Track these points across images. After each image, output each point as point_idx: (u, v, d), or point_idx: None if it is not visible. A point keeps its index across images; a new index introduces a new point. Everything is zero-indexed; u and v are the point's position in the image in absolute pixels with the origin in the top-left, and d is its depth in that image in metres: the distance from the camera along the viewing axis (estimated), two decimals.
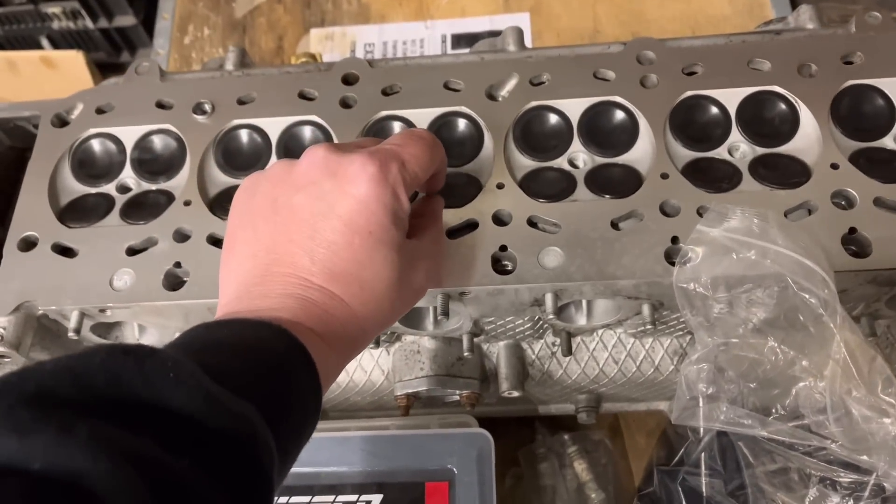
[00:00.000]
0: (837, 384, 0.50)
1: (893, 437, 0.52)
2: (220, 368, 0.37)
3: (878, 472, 0.53)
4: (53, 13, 1.56)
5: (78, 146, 0.68)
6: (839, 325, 0.49)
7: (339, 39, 1.05)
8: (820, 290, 0.50)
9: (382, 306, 0.47)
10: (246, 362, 0.39)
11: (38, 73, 1.56)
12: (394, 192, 0.46)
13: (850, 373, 0.50)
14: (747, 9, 1.02)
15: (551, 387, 0.71)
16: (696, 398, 0.62)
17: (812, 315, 0.50)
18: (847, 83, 0.64)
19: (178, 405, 0.33)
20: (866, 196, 0.59)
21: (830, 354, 0.50)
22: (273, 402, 0.39)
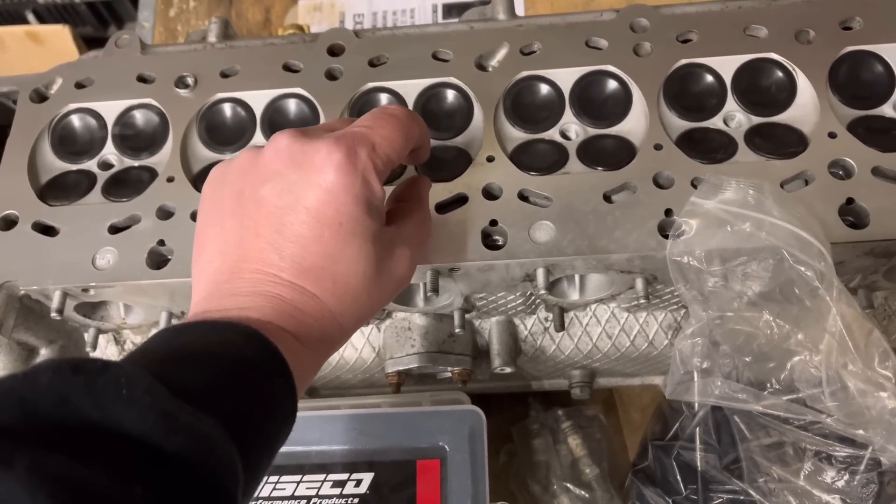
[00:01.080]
0: (833, 358, 0.49)
1: (890, 411, 0.51)
2: (183, 380, 0.35)
3: (874, 446, 0.52)
4: None
5: (58, 122, 0.67)
6: (835, 298, 0.48)
7: (328, 10, 1.03)
8: (816, 262, 0.48)
9: (359, 300, 0.45)
10: (211, 371, 0.37)
11: (24, 48, 1.54)
12: (364, 179, 0.44)
13: (847, 346, 0.49)
14: None
15: (544, 362, 0.70)
16: (691, 373, 0.61)
17: (808, 288, 0.49)
18: (845, 49, 0.62)
19: (131, 427, 0.31)
20: (864, 165, 0.57)
21: (826, 328, 0.49)
22: (241, 413, 0.37)
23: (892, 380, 0.48)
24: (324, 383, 0.73)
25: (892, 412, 0.51)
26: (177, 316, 0.64)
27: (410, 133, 0.49)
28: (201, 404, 0.34)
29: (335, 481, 0.61)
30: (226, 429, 0.34)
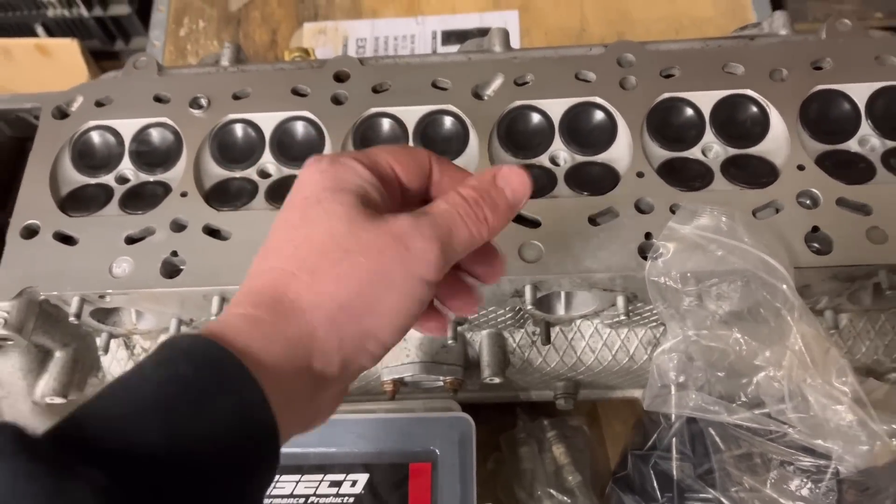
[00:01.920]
0: (794, 374, 0.54)
1: (846, 423, 0.55)
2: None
3: (833, 455, 0.56)
4: (49, 1, 1.57)
5: (78, 138, 0.71)
6: (797, 319, 0.53)
7: (332, 34, 1.07)
8: (780, 285, 0.53)
9: (345, 285, 0.38)
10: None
11: (33, 61, 1.58)
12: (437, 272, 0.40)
13: (806, 363, 0.53)
14: (730, 10, 1.05)
15: (531, 374, 0.74)
16: (668, 386, 0.66)
17: (772, 309, 0.53)
18: (816, 88, 0.67)
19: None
20: (830, 196, 0.62)
21: (788, 346, 0.53)
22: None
23: (848, 394, 0.53)
24: None
25: (849, 424, 0.55)
26: (186, 323, 0.68)
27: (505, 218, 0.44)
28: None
29: (332, 481, 0.65)
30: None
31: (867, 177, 0.63)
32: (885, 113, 0.66)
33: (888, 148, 0.65)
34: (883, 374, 0.72)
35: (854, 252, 0.60)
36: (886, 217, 0.60)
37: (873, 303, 0.65)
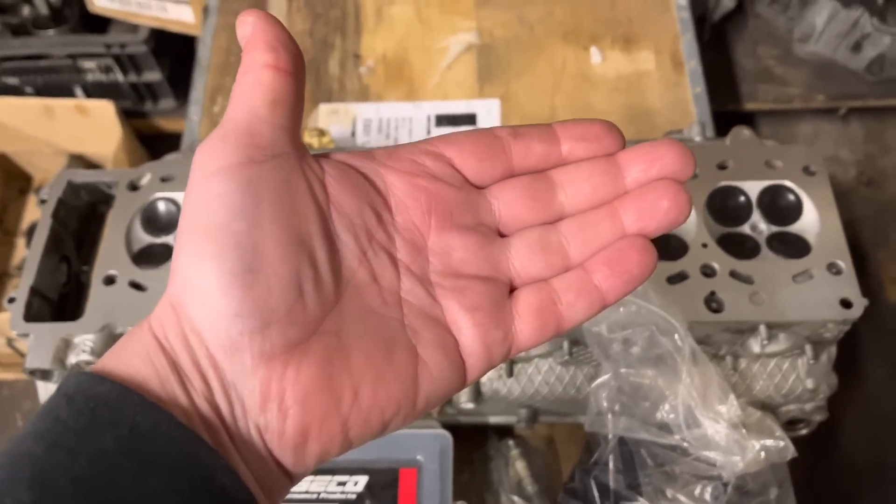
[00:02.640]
0: (687, 402, 0.73)
1: (726, 439, 0.74)
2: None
3: (717, 464, 0.75)
4: (89, 67, 1.79)
5: (147, 206, 0.90)
6: (687, 361, 0.72)
7: (343, 114, 1.28)
8: (674, 335, 0.72)
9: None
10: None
11: (72, 119, 1.78)
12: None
13: (696, 394, 0.72)
14: (674, 104, 1.26)
15: (498, 402, 0.93)
16: (602, 412, 0.84)
17: (668, 353, 0.73)
18: (720, 183, 0.87)
19: None
20: (725, 269, 0.81)
21: (682, 381, 0.72)
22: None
23: (723, 414, 0.72)
24: None
25: (727, 440, 0.74)
26: None
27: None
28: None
29: (339, 481, 0.83)
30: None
31: (754, 254, 0.83)
32: (770, 205, 0.86)
33: (772, 232, 0.85)
34: (776, 409, 0.91)
35: (741, 311, 0.79)
36: (765, 285, 0.80)
37: (761, 351, 0.85)
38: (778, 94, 2.01)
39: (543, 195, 0.37)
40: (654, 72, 1.30)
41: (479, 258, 0.36)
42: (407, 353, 0.35)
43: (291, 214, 0.33)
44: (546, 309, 0.36)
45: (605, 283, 0.35)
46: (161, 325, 0.33)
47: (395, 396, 0.34)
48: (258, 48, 0.34)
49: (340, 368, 0.33)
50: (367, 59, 1.34)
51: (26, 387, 1.83)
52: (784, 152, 0.88)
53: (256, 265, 0.31)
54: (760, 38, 2.11)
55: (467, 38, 1.35)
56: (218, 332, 0.32)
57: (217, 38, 1.37)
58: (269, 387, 0.32)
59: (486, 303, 0.36)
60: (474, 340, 0.35)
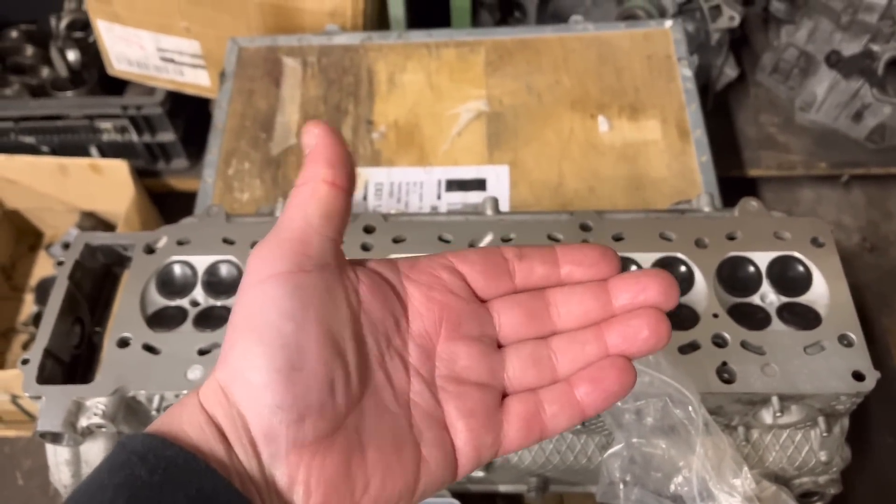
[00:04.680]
0: (701, 474, 0.72)
1: None
2: None
3: None
4: (105, 128, 1.82)
5: (162, 269, 0.91)
6: (700, 432, 0.72)
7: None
8: (687, 407, 0.72)
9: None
10: None
11: (86, 178, 1.81)
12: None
13: (710, 466, 0.72)
14: (680, 172, 1.28)
15: (509, 470, 0.92)
16: (615, 483, 0.84)
17: (682, 424, 0.73)
18: (729, 254, 0.88)
19: None
20: (736, 339, 0.82)
21: (696, 453, 0.72)
22: None
23: (738, 488, 0.71)
24: None
25: None
26: None
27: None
28: None
29: None
30: None
31: (764, 325, 0.83)
32: (779, 276, 0.87)
33: (782, 303, 0.86)
34: (789, 481, 0.90)
35: (752, 383, 0.79)
36: (776, 356, 0.80)
37: (773, 422, 0.84)
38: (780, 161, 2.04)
39: (539, 313, 0.42)
40: (661, 140, 1.33)
41: (479, 366, 0.41)
42: (413, 450, 0.39)
43: (332, 319, 0.37)
44: (532, 418, 0.40)
45: (586, 397, 0.40)
46: (210, 402, 0.37)
47: (398, 488, 0.38)
48: (319, 162, 0.39)
49: (358, 461, 0.37)
50: (380, 125, 1.37)
51: (27, 445, 1.81)
52: (792, 224, 0.89)
53: (300, 364, 0.35)
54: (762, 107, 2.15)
55: (477, 106, 1.38)
56: (260, 419, 0.36)
57: (233, 102, 1.40)
58: (298, 471, 0.36)
59: (481, 409, 0.40)
60: (467, 443, 0.40)
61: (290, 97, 1.41)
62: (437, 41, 1.46)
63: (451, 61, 1.45)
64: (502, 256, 0.42)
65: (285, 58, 1.46)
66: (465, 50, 1.46)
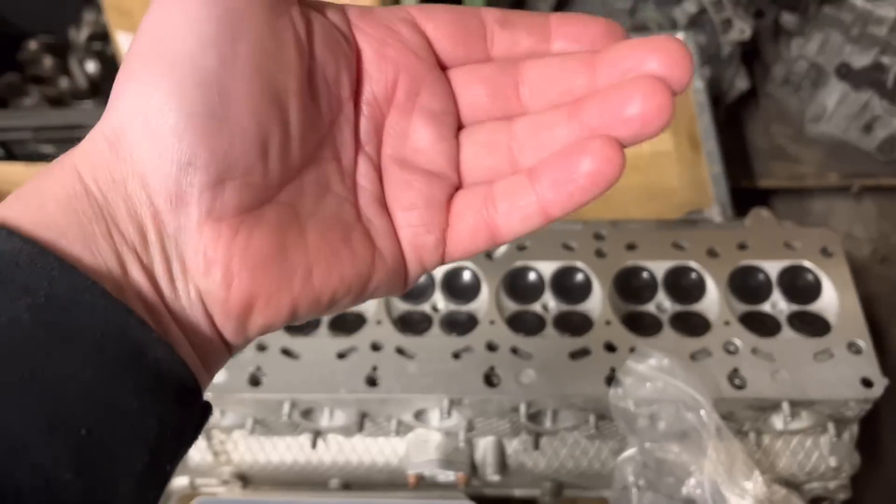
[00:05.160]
0: (713, 476, 0.74)
1: None
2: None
3: None
4: None
5: None
6: (712, 436, 0.73)
7: None
8: (700, 411, 0.74)
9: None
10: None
11: None
12: None
13: (722, 469, 0.74)
14: (692, 183, 1.30)
15: (523, 475, 0.94)
16: (628, 487, 0.85)
17: (693, 429, 0.74)
18: (740, 263, 0.90)
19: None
20: (747, 346, 0.84)
21: (707, 457, 0.74)
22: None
23: (748, 490, 0.73)
24: (356, 481, 0.96)
25: None
26: (258, 421, 0.88)
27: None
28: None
29: None
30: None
31: (775, 332, 0.85)
32: (790, 284, 0.89)
33: (792, 311, 0.88)
34: (800, 486, 0.91)
35: (763, 389, 0.81)
36: (787, 363, 0.82)
37: (784, 428, 0.86)
38: (791, 172, 2.05)
39: (506, 90, 0.33)
40: (672, 152, 1.35)
41: (432, 151, 0.33)
42: (364, 238, 0.32)
43: (270, 63, 0.28)
44: (480, 217, 0.33)
45: (548, 192, 0.31)
46: (90, 165, 0.28)
47: (349, 279, 0.31)
48: None
49: (295, 243, 0.30)
50: None
51: None
52: (802, 234, 0.91)
53: (222, 112, 0.27)
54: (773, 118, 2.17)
55: None
56: (165, 180, 0.27)
57: None
58: (216, 249, 0.28)
59: (423, 203, 0.33)
60: (407, 243, 0.33)
61: None
62: None
63: None
64: (480, 19, 0.33)
65: None
66: None
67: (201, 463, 0.95)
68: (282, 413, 0.84)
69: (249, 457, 0.94)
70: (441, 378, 0.83)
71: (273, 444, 0.94)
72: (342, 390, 0.83)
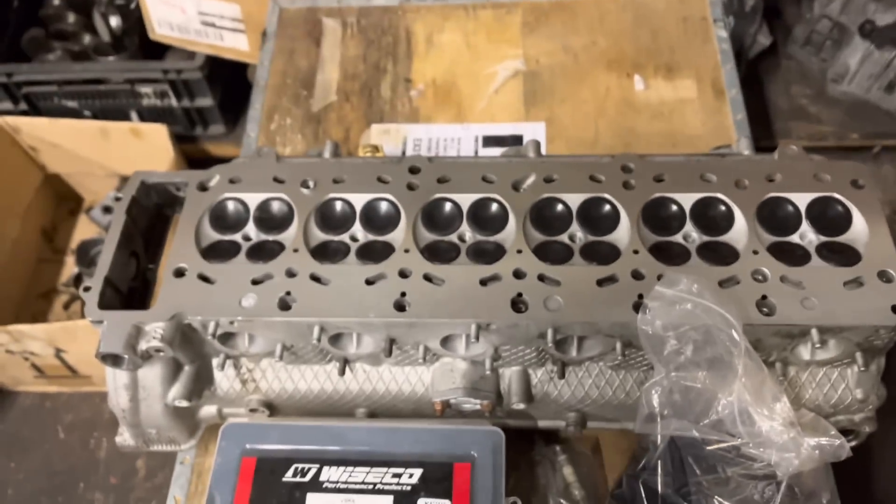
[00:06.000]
0: (742, 400, 0.74)
1: (781, 438, 0.75)
2: None
3: (771, 461, 0.76)
4: (145, 92, 1.86)
5: (216, 206, 0.94)
6: (742, 356, 0.74)
7: (394, 134, 1.33)
8: (730, 331, 0.74)
9: None
10: None
11: (126, 141, 1.85)
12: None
13: (751, 390, 0.74)
14: (715, 130, 1.30)
15: (548, 405, 0.95)
16: (654, 413, 0.86)
17: (725, 349, 0.74)
18: (769, 195, 0.90)
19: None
20: (776, 274, 0.84)
21: (737, 378, 0.74)
22: None
23: (780, 414, 0.73)
24: (382, 411, 0.97)
25: (783, 439, 0.75)
26: (287, 348, 0.89)
27: None
28: None
29: (394, 473, 0.84)
30: None
31: (804, 261, 0.85)
32: (819, 215, 0.88)
33: (821, 242, 0.87)
34: (825, 419, 0.91)
35: (792, 315, 0.81)
36: (816, 291, 0.82)
37: (811, 358, 0.86)
38: (811, 132, 2.04)
39: None
40: (696, 99, 1.34)
41: None
42: None
43: None
44: None
45: None
46: None
47: None
48: None
49: None
50: (418, 83, 1.39)
51: (68, 400, 1.86)
52: (832, 167, 0.91)
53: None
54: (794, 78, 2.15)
55: (514, 65, 1.40)
56: None
57: (274, 61, 1.43)
58: None
59: None
60: None
61: (330, 56, 1.44)
62: (474, 3, 1.48)
63: (488, 22, 1.47)
64: None
65: (325, 18, 1.49)
66: (501, 11, 1.47)
67: (229, 391, 0.96)
68: (311, 338, 0.84)
69: (277, 385, 0.95)
70: (469, 304, 0.84)
71: (301, 373, 0.94)
72: (371, 314, 0.83)
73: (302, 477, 0.85)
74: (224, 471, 0.86)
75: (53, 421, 1.84)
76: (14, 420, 1.86)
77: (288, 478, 0.85)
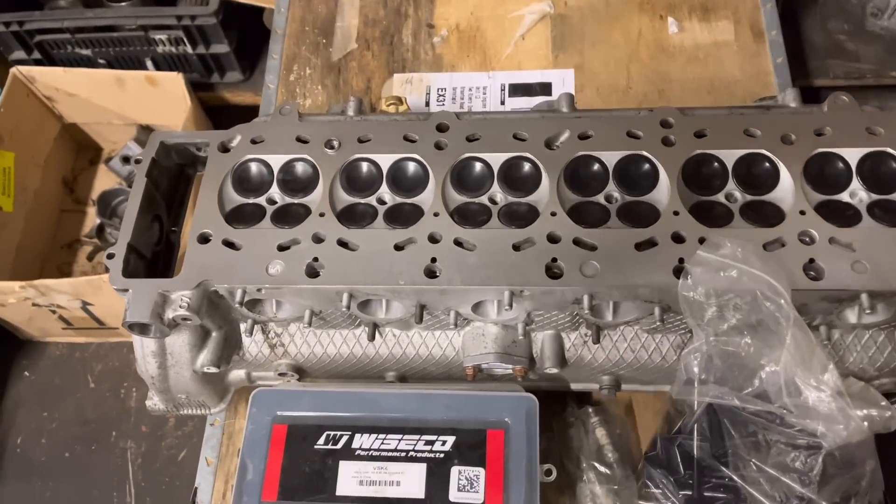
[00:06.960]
0: (789, 369, 0.72)
1: (829, 409, 0.73)
2: None
3: (817, 433, 0.74)
4: (160, 39, 1.81)
5: (238, 167, 0.91)
6: (791, 326, 0.71)
7: (417, 83, 1.28)
8: (779, 300, 0.71)
9: None
10: None
11: (142, 90, 1.81)
12: None
13: (798, 361, 0.71)
14: (754, 75, 1.23)
15: (581, 369, 0.93)
16: (692, 379, 0.83)
17: (772, 318, 0.71)
18: (817, 150, 0.85)
19: None
20: (824, 236, 0.80)
21: (785, 347, 0.71)
22: None
23: (828, 384, 0.70)
24: (412, 374, 0.96)
25: (830, 409, 0.73)
26: (316, 313, 0.87)
27: None
28: None
29: (427, 440, 0.84)
30: None
31: (854, 222, 0.81)
32: (871, 172, 0.84)
33: (873, 200, 0.83)
34: (869, 381, 0.89)
35: (840, 279, 0.77)
36: (867, 254, 0.78)
37: (858, 321, 0.83)
38: (849, 70, 1.94)
39: None
40: (733, 42, 1.28)
41: None
42: None
43: None
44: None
45: None
46: None
47: None
48: None
49: None
50: (441, 28, 1.34)
51: (97, 350, 1.88)
52: (887, 119, 0.86)
53: None
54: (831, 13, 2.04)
55: (541, 8, 1.34)
56: None
57: (292, 6, 1.37)
58: None
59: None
60: None
61: (349, 1, 1.38)
62: None
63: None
64: None
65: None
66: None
67: (258, 356, 0.95)
68: (340, 304, 0.82)
69: (306, 349, 0.93)
70: (501, 269, 0.81)
71: (329, 337, 0.93)
72: (401, 281, 0.81)
73: (334, 444, 0.85)
74: (255, 438, 0.86)
75: (84, 371, 1.86)
76: (45, 370, 1.88)
77: (320, 445, 0.85)
